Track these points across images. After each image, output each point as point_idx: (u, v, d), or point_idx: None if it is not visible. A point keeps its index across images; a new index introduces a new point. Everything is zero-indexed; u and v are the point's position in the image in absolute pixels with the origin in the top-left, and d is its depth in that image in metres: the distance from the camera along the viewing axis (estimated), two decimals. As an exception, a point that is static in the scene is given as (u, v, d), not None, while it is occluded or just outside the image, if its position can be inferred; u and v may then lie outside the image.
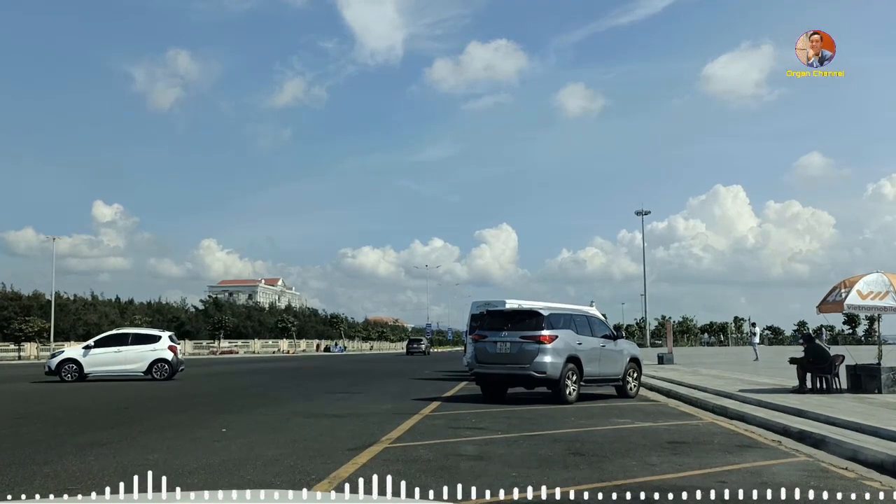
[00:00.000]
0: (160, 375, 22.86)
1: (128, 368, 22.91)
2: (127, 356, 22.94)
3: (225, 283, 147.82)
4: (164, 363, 23.06)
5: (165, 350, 23.22)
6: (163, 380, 22.59)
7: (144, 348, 23.10)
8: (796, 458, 7.71)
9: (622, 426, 10.38)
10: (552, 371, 13.49)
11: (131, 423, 10.57)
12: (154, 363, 22.99)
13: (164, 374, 22.94)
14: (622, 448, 8.15)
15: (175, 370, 23.30)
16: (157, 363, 23.02)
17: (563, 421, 10.92)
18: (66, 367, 22.51)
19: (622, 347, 15.77)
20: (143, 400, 15.68)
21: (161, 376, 22.83)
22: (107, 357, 22.83)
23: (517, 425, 10.28)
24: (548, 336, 13.61)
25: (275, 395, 16.55)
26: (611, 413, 12.30)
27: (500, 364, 13.98)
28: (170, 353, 23.25)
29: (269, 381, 23.46)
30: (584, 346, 14.35)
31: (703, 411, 12.89)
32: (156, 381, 22.41)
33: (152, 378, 22.73)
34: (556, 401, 13.70)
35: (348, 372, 30.14)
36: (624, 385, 15.48)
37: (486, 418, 11.22)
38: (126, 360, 22.92)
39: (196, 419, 11.24)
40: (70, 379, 22.22)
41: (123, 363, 22.89)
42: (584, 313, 15.58)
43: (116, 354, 22.90)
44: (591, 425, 10.39)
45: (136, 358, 22.98)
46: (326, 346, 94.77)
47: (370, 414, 11.85)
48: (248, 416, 11.75)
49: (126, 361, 22.91)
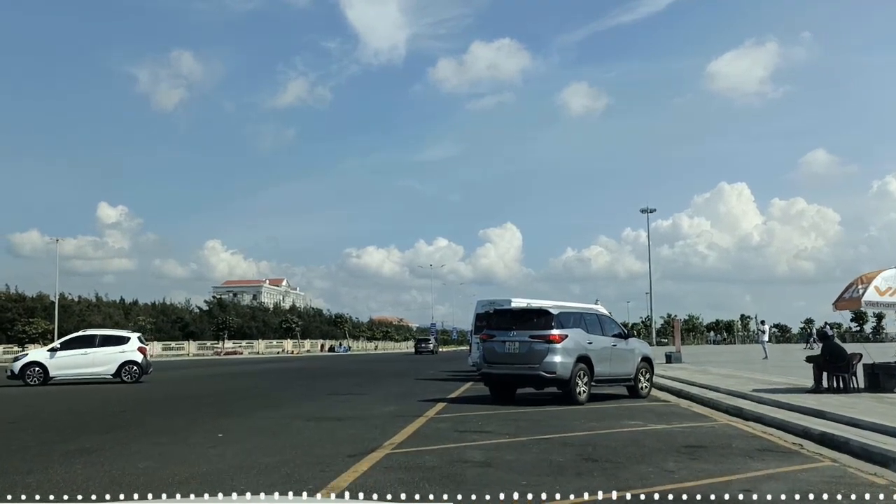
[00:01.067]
0: (129, 378, 22.11)
1: (96, 371, 22.11)
2: (95, 358, 22.11)
3: (229, 284, 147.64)
4: (133, 365, 22.33)
5: (135, 352, 22.50)
6: (132, 382, 21.85)
7: (113, 350, 22.33)
8: (821, 463, 7.30)
9: (635, 429, 9.97)
10: (562, 371, 13.10)
11: (125, 428, 10.21)
12: (123, 365, 22.22)
13: (133, 376, 22.19)
14: (637, 453, 7.75)
15: (144, 372, 22.58)
16: (126, 365, 22.26)
17: (574, 423, 10.52)
18: (30, 370, 21.57)
19: (633, 346, 15.36)
20: (140, 403, 15.34)
21: (130, 379, 22.10)
22: (74, 360, 21.98)
23: (526, 428, 9.89)
24: (557, 335, 13.21)
25: (276, 397, 16.20)
26: (623, 414, 11.90)
27: (508, 364, 13.59)
28: (139, 354, 22.56)
29: (272, 382, 23.10)
30: (595, 346, 13.95)
31: (717, 412, 12.47)
32: (125, 383, 21.69)
33: (121, 381, 21.96)
34: (566, 401, 13.30)
35: (352, 372, 29.78)
36: (636, 385, 15.07)
37: (493, 421, 10.84)
38: (94, 362, 22.11)
39: (193, 423, 10.88)
40: (34, 383, 21.30)
41: (91, 366, 22.07)
42: (595, 311, 15.18)
43: (84, 357, 22.05)
44: (603, 428, 9.98)
45: (105, 360, 22.19)
46: (331, 346, 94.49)
47: (373, 416, 11.47)
48: (248, 419, 11.39)
49: (94, 364, 22.10)
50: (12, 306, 75.63)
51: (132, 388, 20.53)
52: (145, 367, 22.68)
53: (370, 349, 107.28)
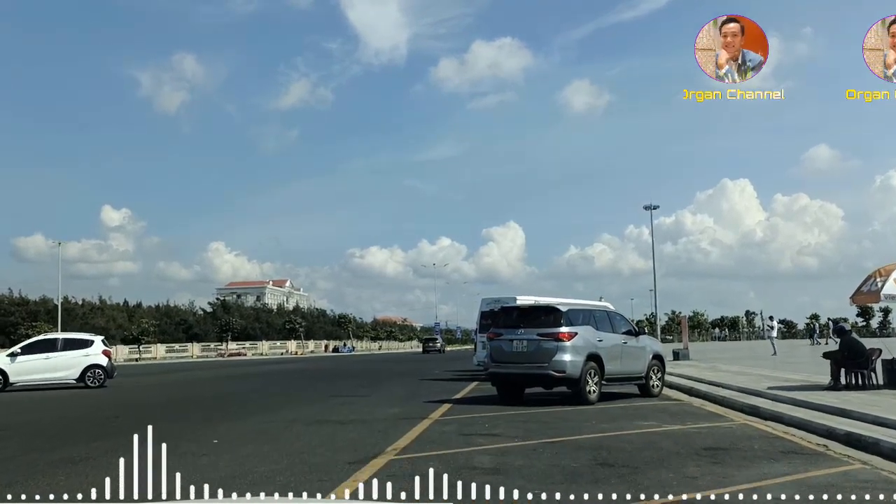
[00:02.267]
0: (94, 383, 21.31)
1: (58, 376, 21.26)
2: (57, 363, 21.27)
3: (233, 286, 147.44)
4: (98, 369, 21.55)
5: (99, 355, 21.74)
6: (96, 387, 21.09)
7: (76, 354, 21.51)
8: (852, 466, 6.85)
9: (649, 430, 9.52)
10: (572, 370, 12.66)
11: (116, 435, 9.78)
12: (87, 369, 21.41)
13: (98, 380, 21.39)
14: (655, 457, 7.31)
15: (109, 376, 21.86)
16: (90, 369, 21.45)
17: (585, 424, 10.08)
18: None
19: (644, 344, 14.90)
20: (135, 408, 14.90)
21: (95, 384, 21.30)
22: (35, 364, 21.12)
23: (535, 430, 9.45)
24: (567, 333, 12.78)
25: (276, 400, 15.76)
26: (635, 414, 11.45)
27: (516, 363, 13.16)
28: (104, 358, 21.83)
29: (273, 383, 22.69)
30: (605, 343, 13.51)
31: (732, 411, 12.02)
32: (89, 388, 20.94)
33: (85, 386, 21.17)
34: (576, 401, 12.87)
35: (355, 373, 29.36)
36: (647, 383, 14.61)
37: (500, 422, 10.40)
38: (56, 366, 21.26)
39: (188, 428, 10.45)
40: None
41: (53, 370, 21.22)
42: (605, 308, 14.74)
43: (46, 361, 21.20)
44: (616, 429, 9.54)
45: (68, 364, 21.36)
46: (335, 346, 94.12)
47: (375, 420, 11.04)
48: (245, 423, 10.96)
49: (56, 368, 21.26)
50: (15, 310, 75.44)
51: (128, 392, 20.14)
52: (110, 371, 21.95)
53: (374, 349, 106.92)
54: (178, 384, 24.16)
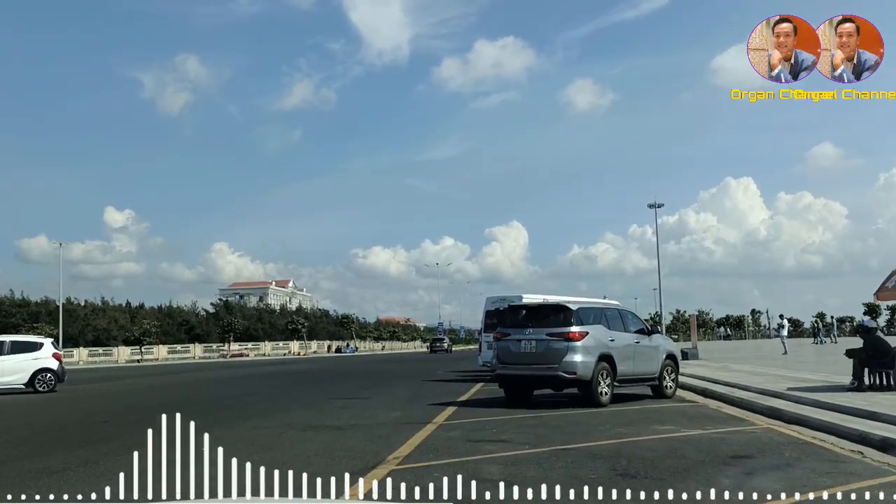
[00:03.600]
0: (44, 387, 20.57)
1: (6, 381, 20.37)
2: (4, 367, 20.41)
3: (236, 286, 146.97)
4: (48, 373, 20.83)
5: (49, 359, 21.06)
6: (46, 392, 20.38)
7: (24, 357, 20.78)
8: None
9: (668, 435, 8.90)
10: (583, 371, 12.06)
11: (102, 442, 9.21)
12: (36, 374, 20.69)
13: (48, 385, 20.67)
14: (678, 466, 6.70)
15: (60, 380, 21.12)
16: (40, 373, 20.73)
17: (599, 429, 9.48)
18: None
19: (658, 343, 14.29)
20: (126, 412, 14.29)
21: (45, 388, 20.57)
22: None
23: (546, 436, 8.85)
24: (578, 332, 12.18)
25: (272, 403, 15.14)
26: (650, 418, 10.83)
27: (524, 364, 12.56)
28: (54, 361, 21.12)
29: (271, 385, 22.10)
30: (617, 343, 12.90)
31: (752, 414, 11.40)
32: (39, 393, 20.25)
33: (34, 391, 20.43)
34: (587, 404, 12.27)
35: (357, 374, 28.78)
36: (660, 384, 13.99)
37: (508, 427, 9.80)
38: (3, 371, 20.39)
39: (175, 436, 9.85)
40: None
41: (0, 375, 20.39)
42: (616, 306, 14.13)
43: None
44: (633, 434, 8.93)
45: (16, 368, 20.55)
46: (338, 347, 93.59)
47: (376, 424, 10.44)
48: (237, 429, 10.36)
49: (3, 373, 20.38)
50: (16, 311, 75.02)
51: (123, 394, 19.61)
52: (60, 375, 21.20)
53: (377, 349, 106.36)
54: (173, 388, 23.60)
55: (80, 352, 73.11)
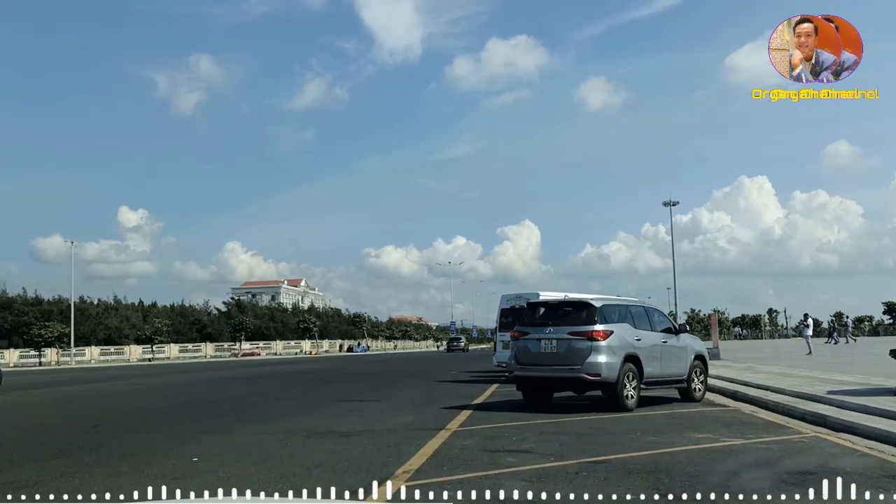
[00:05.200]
0: None
1: None
2: None
3: (248, 285, 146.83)
4: None
5: None
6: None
7: None
8: None
9: (708, 445, 8.03)
10: (608, 373, 11.20)
11: (85, 450, 8.45)
12: None
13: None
14: (731, 485, 5.83)
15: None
16: None
17: (629, 437, 8.63)
18: None
19: (686, 343, 13.38)
20: (120, 415, 13.45)
21: None
22: None
23: (572, 446, 8.01)
24: (602, 331, 11.32)
25: (276, 406, 14.34)
26: (682, 424, 9.95)
27: (545, 365, 11.71)
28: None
29: (277, 386, 21.34)
30: (644, 343, 12.04)
31: (792, 420, 10.50)
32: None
33: None
34: (611, 408, 11.41)
35: (368, 374, 28.00)
36: (689, 387, 13.10)
37: (529, 434, 8.97)
38: None
39: (168, 442, 9.10)
40: None
41: None
42: (641, 303, 13.26)
43: None
44: (667, 444, 8.07)
45: None
46: (349, 346, 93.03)
47: (385, 431, 9.64)
48: (235, 435, 9.58)
49: None
50: (28, 310, 74.82)
51: (123, 395, 18.91)
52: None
53: (389, 349, 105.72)
54: (176, 389, 22.91)
55: (91, 350, 72.93)
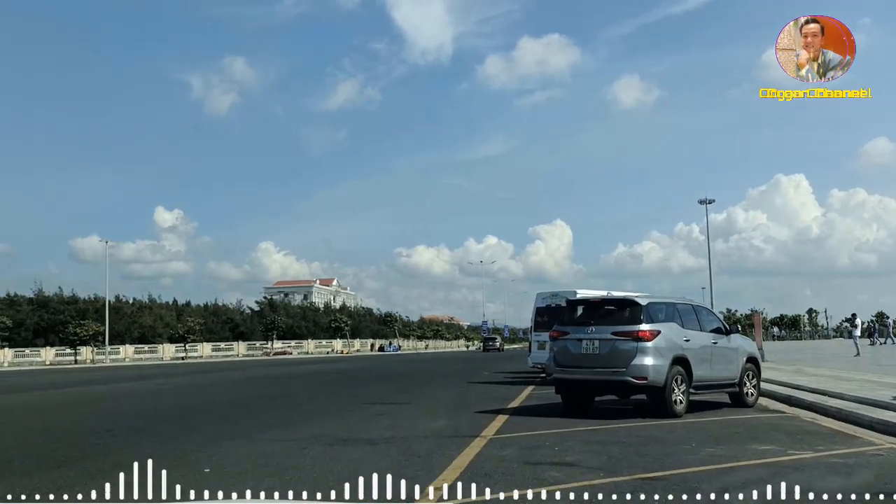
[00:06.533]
0: None
1: None
2: None
3: (281, 285, 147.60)
4: None
5: None
6: None
7: None
8: None
9: (775, 459, 7.16)
10: (655, 376, 10.35)
11: (91, 458, 7.87)
12: None
13: None
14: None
15: None
16: None
17: (684, 449, 7.78)
18: None
19: (737, 344, 12.44)
20: (143, 417, 12.92)
21: None
22: None
23: (622, 458, 7.20)
24: (648, 331, 10.47)
25: (301, 409, 13.68)
26: (740, 434, 9.07)
27: (586, 368, 10.89)
28: None
29: (305, 387, 20.79)
30: (693, 344, 11.16)
31: (860, 429, 9.53)
32: None
33: None
34: (658, 413, 10.57)
35: (398, 374, 27.37)
36: (740, 391, 12.18)
37: (572, 444, 8.18)
38: None
39: (182, 448, 8.49)
40: None
41: None
42: (689, 302, 12.37)
43: None
44: (730, 457, 7.21)
45: None
46: (380, 345, 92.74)
47: (415, 438, 8.92)
48: (254, 442, 8.93)
49: None
50: (65, 308, 75.81)
51: (147, 395, 18.49)
52: None
53: (421, 348, 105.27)
54: (202, 389, 22.50)
55: (126, 349, 73.57)
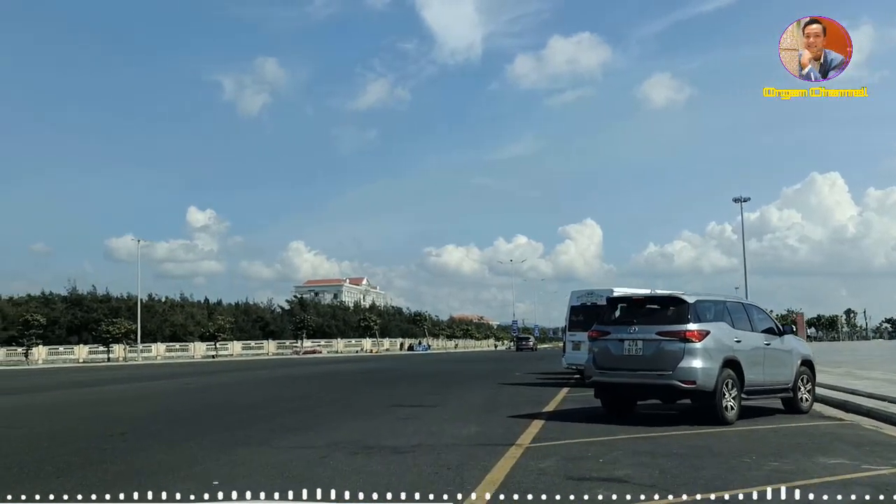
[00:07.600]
0: None
1: None
2: None
3: (311, 284, 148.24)
4: None
5: None
6: None
7: None
8: None
9: (850, 475, 6.35)
10: (704, 380, 9.55)
11: (97, 464, 7.33)
12: None
13: None
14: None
15: None
16: None
17: (744, 462, 6.99)
18: None
19: (791, 346, 11.56)
20: (159, 420, 12.39)
21: None
22: None
23: (676, 473, 6.44)
24: (696, 331, 9.68)
25: (325, 411, 13.03)
26: (801, 444, 8.24)
27: (628, 370, 10.12)
28: None
29: (330, 387, 20.23)
30: (744, 345, 10.33)
31: (935, 439, 8.68)
32: None
33: None
34: (706, 420, 9.78)
35: (427, 374, 26.73)
36: (795, 396, 11.31)
37: (619, 455, 7.43)
38: None
39: (194, 456, 7.91)
40: None
41: None
42: (740, 300, 11.51)
43: None
44: (798, 473, 6.40)
45: None
46: (410, 344, 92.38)
47: (444, 445, 8.24)
48: (270, 449, 8.31)
49: None
50: (98, 307, 76.63)
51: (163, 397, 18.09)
52: None
53: (450, 348, 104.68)
54: (228, 388, 22.08)
55: (157, 347, 74.06)
